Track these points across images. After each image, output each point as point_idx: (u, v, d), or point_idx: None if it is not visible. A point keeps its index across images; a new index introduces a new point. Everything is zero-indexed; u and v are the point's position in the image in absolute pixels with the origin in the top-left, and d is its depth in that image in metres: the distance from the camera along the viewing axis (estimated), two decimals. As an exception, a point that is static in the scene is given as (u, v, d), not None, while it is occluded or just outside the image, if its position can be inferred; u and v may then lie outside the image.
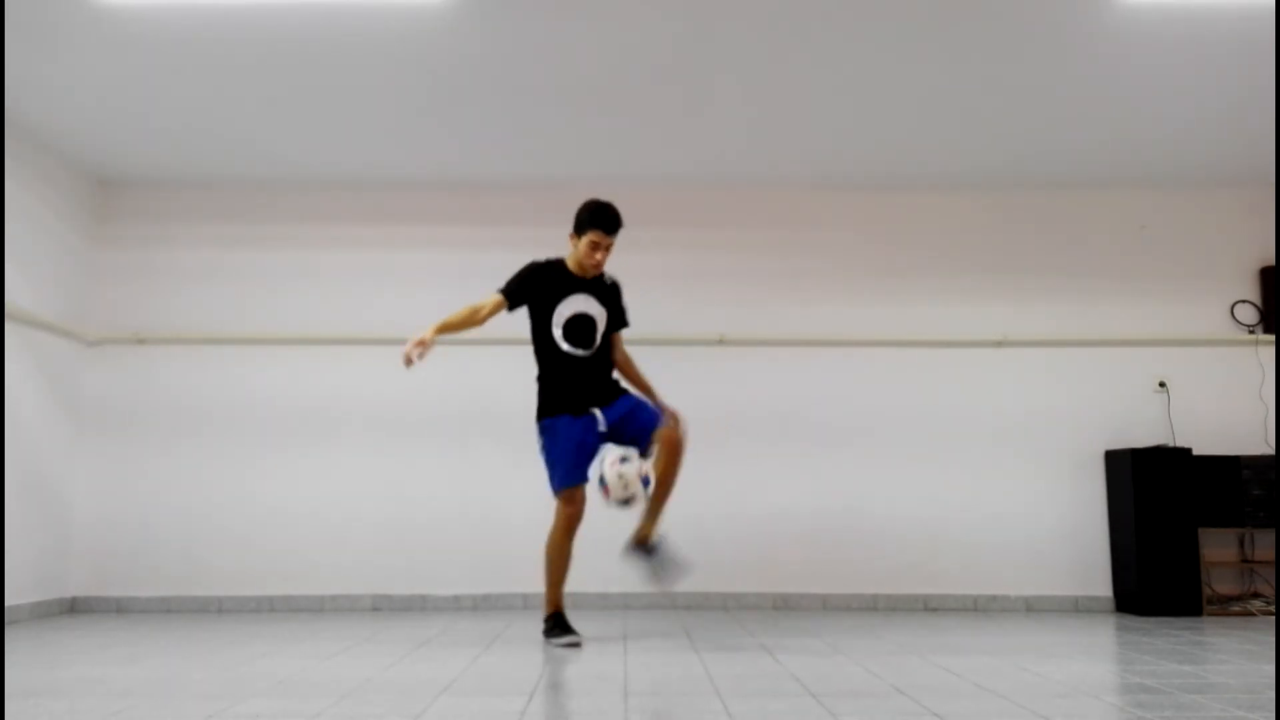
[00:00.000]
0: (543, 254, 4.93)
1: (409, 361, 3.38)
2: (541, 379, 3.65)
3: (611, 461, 3.42)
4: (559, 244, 4.97)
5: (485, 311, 3.55)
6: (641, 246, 4.90)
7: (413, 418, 4.82)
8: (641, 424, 3.50)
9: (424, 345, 3.40)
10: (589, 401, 3.56)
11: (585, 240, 3.57)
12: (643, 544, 3.56)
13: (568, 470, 3.48)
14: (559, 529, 3.51)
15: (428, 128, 4.34)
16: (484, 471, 4.79)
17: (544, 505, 4.73)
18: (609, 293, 3.69)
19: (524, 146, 4.55)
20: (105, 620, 4.28)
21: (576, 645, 3.44)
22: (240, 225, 4.99)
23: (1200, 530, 4.55)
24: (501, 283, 3.65)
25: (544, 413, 3.60)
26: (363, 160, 4.71)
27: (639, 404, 3.58)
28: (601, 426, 3.53)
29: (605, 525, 4.68)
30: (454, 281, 4.94)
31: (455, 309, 3.56)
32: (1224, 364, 4.90)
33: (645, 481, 3.41)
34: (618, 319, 3.73)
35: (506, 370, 4.87)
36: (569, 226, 4.97)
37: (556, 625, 3.53)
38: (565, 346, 3.56)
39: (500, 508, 4.76)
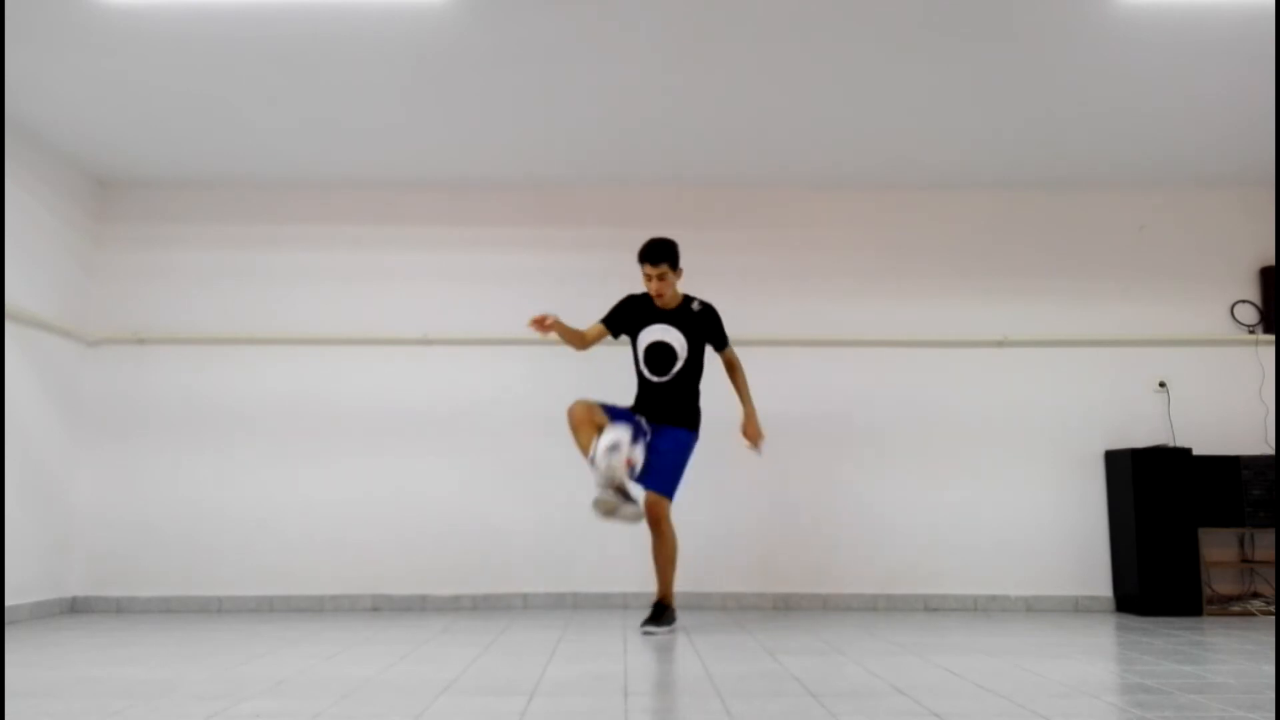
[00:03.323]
0: (541, 253, 4.98)
1: (538, 324, 3.66)
2: (637, 389, 3.99)
3: (604, 450, 3.57)
4: (557, 244, 5.01)
5: (590, 337, 3.95)
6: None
7: (413, 418, 4.82)
8: (650, 470, 3.77)
9: (548, 328, 3.69)
10: (650, 414, 3.90)
11: (641, 274, 3.90)
12: (659, 605, 3.86)
13: (609, 408, 3.82)
14: (571, 410, 3.75)
15: (428, 128, 4.34)
16: (484, 472, 4.79)
17: (544, 506, 4.76)
18: (693, 320, 3.94)
19: (524, 146, 4.55)
20: (105, 620, 4.29)
21: (620, 512, 3.65)
22: (240, 225, 4.99)
23: (1200, 530, 4.55)
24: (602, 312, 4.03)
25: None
26: (363, 160, 4.71)
27: (665, 453, 3.82)
28: (645, 434, 3.83)
29: (607, 528, 4.69)
30: (454, 281, 4.97)
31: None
32: (1224, 364, 4.90)
33: (631, 471, 3.62)
34: (715, 340, 3.98)
35: (507, 371, 4.89)
36: (566, 226, 5.02)
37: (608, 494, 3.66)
38: (646, 372, 3.93)
39: (500, 508, 4.76)
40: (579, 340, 3.92)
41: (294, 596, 4.67)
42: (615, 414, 3.83)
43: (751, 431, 3.97)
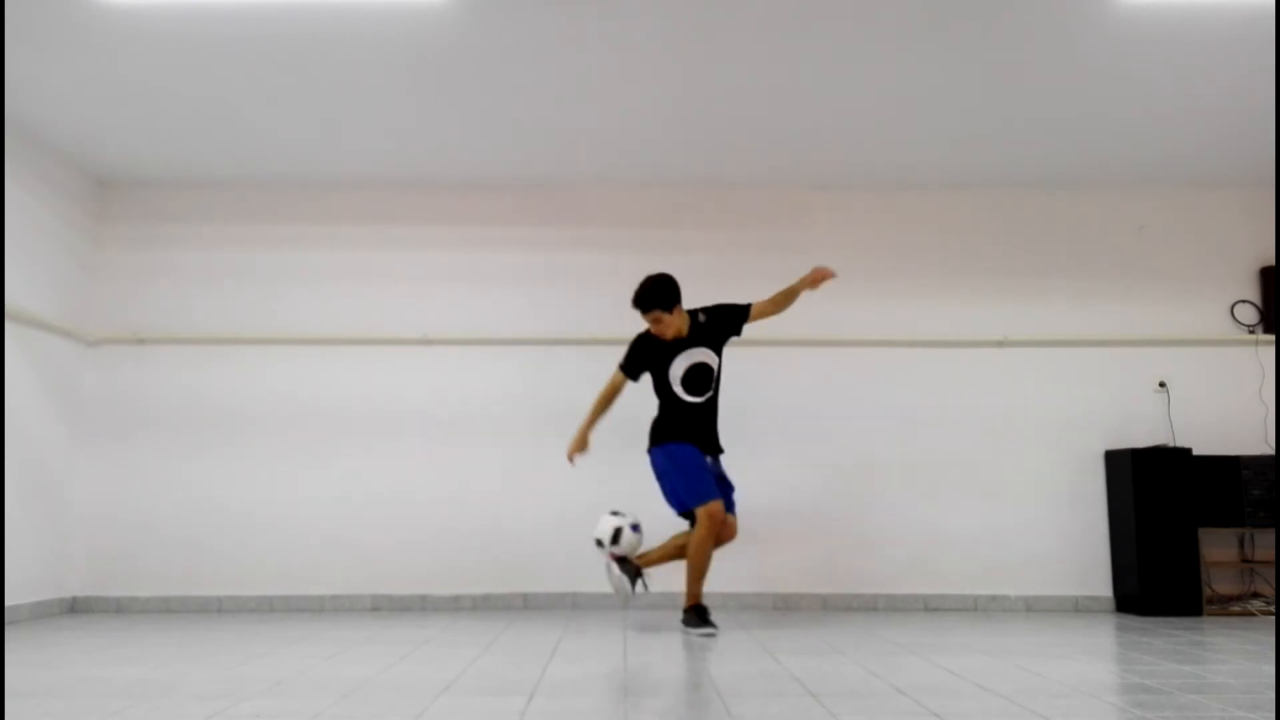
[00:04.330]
0: (541, 253, 4.99)
1: (571, 460, 4.01)
2: (664, 416, 3.98)
3: (600, 548, 3.95)
4: (557, 244, 5.01)
5: (613, 391, 4.01)
6: (642, 247, 4.92)
7: (413, 418, 4.82)
8: (725, 497, 3.93)
9: (583, 449, 3.99)
10: (712, 448, 3.97)
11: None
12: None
13: (708, 487, 3.81)
14: (707, 535, 3.77)
15: (428, 128, 4.34)
16: (484, 472, 4.79)
17: (544, 505, 4.76)
18: (709, 331, 4.00)
19: (524, 146, 4.55)
20: (105, 620, 4.29)
21: (712, 635, 3.71)
22: (240, 225, 4.99)
23: (1200, 530, 4.55)
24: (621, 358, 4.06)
25: (667, 438, 3.91)
26: (363, 160, 4.71)
27: (730, 483, 4.02)
28: (720, 470, 4.00)
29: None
30: (454, 281, 4.97)
31: (591, 400, 4.03)
32: (1224, 364, 4.90)
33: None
34: (736, 321, 4.05)
35: (507, 371, 4.89)
36: (566, 226, 5.03)
37: (696, 615, 3.79)
38: (685, 396, 3.93)
39: (500, 508, 4.76)
40: (610, 401, 4.01)
41: (294, 596, 4.67)
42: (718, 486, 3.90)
43: (815, 280, 3.95)
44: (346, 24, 3.46)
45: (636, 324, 4.07)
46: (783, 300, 4.05)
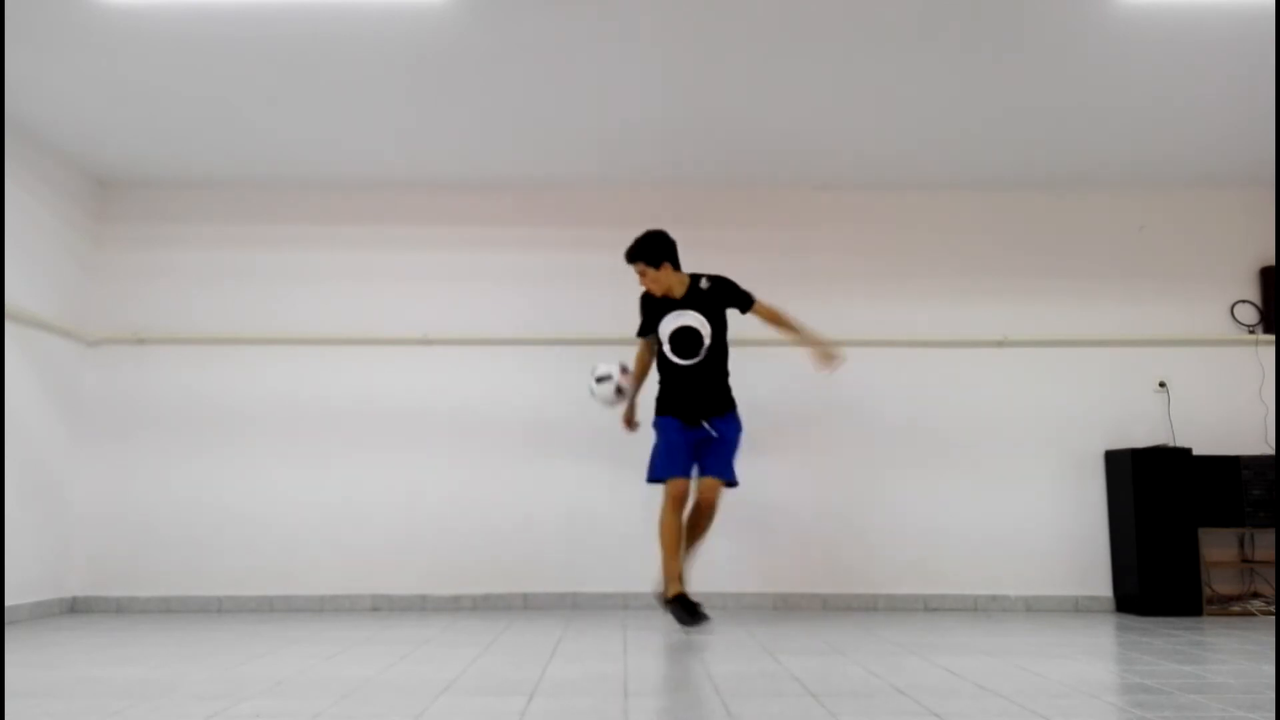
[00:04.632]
0: (540, 253, 4.99)
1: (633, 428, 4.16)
2: (660, 383, 4.01)
3: (595, 381, 3.95)
4: (555, 244, 5.01)
5: (644, 358, 4.11)
6: (641, 246, 4.91)
7: (413, 418, 4.82)
8: (713, 458, 3.88)
9: (633, 428, 4.17)
10: (700, 413, 3.90)
11: None
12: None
13: (671, 464, 3.82)
14: (664, 513, 3.79)
15: (428, 128, 4.34)
16: (485, 472, 4.79)
17: (544, 505, 4.76)
18: (706, 297, 3.98)
19: (524, 146, 4.55)
20: (105, 620, 4.29)
21: (705, 625, 3.69)
22: (240, 225, 4.99)
23: (1200, 530, 4.54)
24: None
25: (658, 410, 3.98)
26: (363, 160, 4.71)
27: (731, 441, 3.94)
28: (713, 433, 3.91)
29: (608, 529, 4.70)
30: (454, 281, 4.97)
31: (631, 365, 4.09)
32: (1224, 364, 4.90)
33: (621, 397, 3.96)
34: (736, 304, 4.04)
35: (507, 371, 4.89)
36: (566, 226, 5.03)
37: (684, 610, 3.69)
38: (675, 359, 3.92)
39: (501, 508, 4.76)
40: (642, 376, 4.09)
41: (294, 596, 4.67)
42: (686, 467, 3.84)
43: (826, 354, 4.01)
44: (346, 24, 3.46)
45: (636, 324, 4.08)
46: (785, 327, 4.07)
